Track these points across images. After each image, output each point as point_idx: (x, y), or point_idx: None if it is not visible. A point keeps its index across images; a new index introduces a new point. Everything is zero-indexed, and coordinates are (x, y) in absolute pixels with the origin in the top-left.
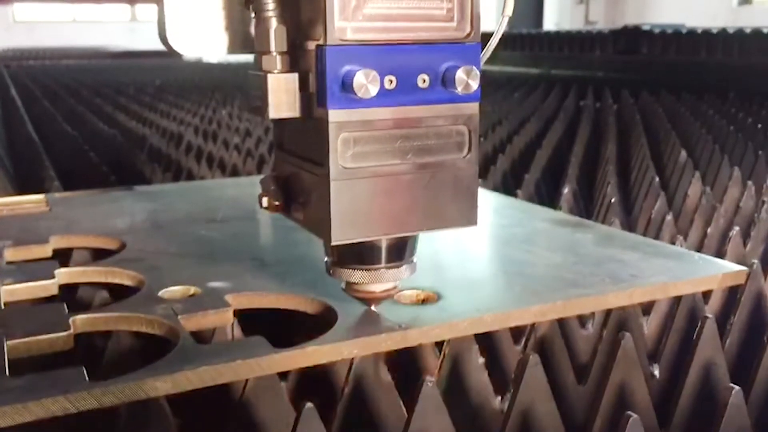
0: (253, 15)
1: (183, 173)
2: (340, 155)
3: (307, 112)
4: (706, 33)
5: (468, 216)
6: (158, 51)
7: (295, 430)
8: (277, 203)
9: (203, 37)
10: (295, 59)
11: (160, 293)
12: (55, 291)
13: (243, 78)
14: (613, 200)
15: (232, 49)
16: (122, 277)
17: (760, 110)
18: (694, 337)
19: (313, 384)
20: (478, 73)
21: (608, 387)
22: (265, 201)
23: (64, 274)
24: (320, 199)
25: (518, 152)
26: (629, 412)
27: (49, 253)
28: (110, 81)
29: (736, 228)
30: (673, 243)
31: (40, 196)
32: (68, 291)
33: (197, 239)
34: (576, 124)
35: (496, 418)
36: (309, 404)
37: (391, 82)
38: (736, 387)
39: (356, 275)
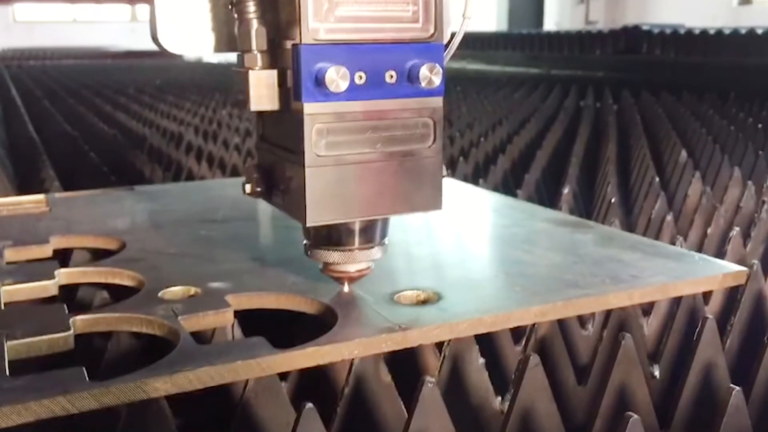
0: (236, 16)
1: (183, 173)
2: (315, 144)
3: (285, 105)
4: (706, 33)
5: (433, 201)
6: (158, 51)
7: (295, 431)
8: (258, 189)
9: (191, 37)
10: (274, 57)
11: (160, 294)
12: (55, 291)
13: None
14: (613, 200)
15: (218, 47)
16: (122, 277)
17: (760, 110)
18: (695, 337)
19: (313, 384)
20: (441, 69)
21: (608, 387)
22: (248, 187)
23: (64, 275)
24: (297, 185)
25: (518, 152)
26: (629, 413)
27: (49, 254)
28: (110, 81)
29: (737, 228)
30: (674, 243)
31: (40, 196)
32: (68, 291)
33: (197, 239)
34: (576, 124)
35: (496, 419)
36: (309, 404)
37: (360, 77)
38: (737, 387)
39: (332, 256)
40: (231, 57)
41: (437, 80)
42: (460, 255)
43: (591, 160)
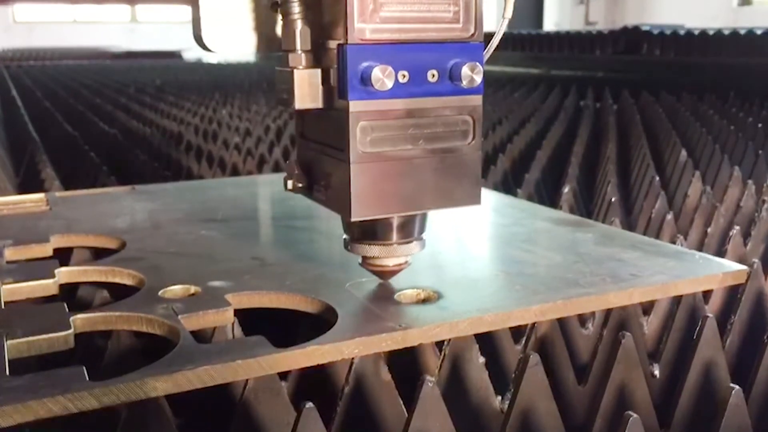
0: (280, 17)
1: (183, 173)
2: (359, 141)
3: (328, 103)
4: (706, 33)
5: (472, 196)
6: (158, 51)
7: (295, 430)
8: (300, 185)
9: (234, 37)
10: (317, 56)
11: (161, 293)
12: (55, 290)
13: (242, 78)
14: (613, 200)
15: (259, 48)
16: (122, 276)
17: (760, 110)
18: (695, 336)
19: (313, 384)
20: (481, 68)
21: (608, 387)
22: (290, 184)
23: (65, 274)
24: (341, 181)
25: (518, 152)
26: (629, 412)
27: (50, 253)
28: (110, 81)
29: (737, 227)
30: (674, 242)
31: (40, 196)
32: (68, 290)
33: (197, 239)
34: (576, 124)
35: (496, 418)
36: (309, 404)
37: (404, 76)
38: (737, 387)
39: (373, 250)
40: (230, 57)
41: (478, 79)
42: (460, 254)
43: (591, 160)
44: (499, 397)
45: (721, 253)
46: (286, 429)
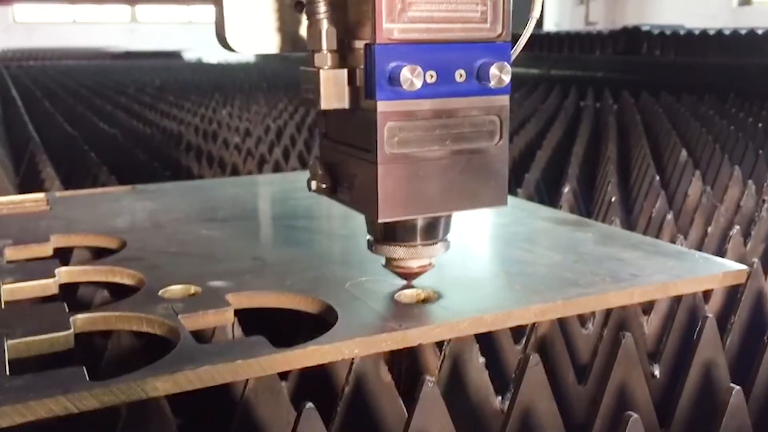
0: (305, 17)
1: (183, 173)
2: (387, 142)
3: (354, 103)
4: (706, 33)
5: (499, 197)
6: (158, 51)
7: (295, 430)
8: (324, 186)
9: (257, 37)
10: (343, 56)
11: (161, 292)
12: (55, 290)
13: (242, 78)
14: (613, 199)
15: (283, 47)
16: (123, 276)
17: (760, 110)
18: (695, 336)
19: (313, 384)
20: (509, 68)
21: (608, 387)
22: (313, 184)
23: (65, 273)
24: (368, 182)
25: (518, 152)
26: (629, 412)
27: (50, 252)
28: (110, 81)
29: (737, 227)
30: (674, 242)
31: (41, 195)
32: (68, 290)
33: (197, 239)
34: (576, 124)
35: (496, 418)
36: (309, 404)
37: (431, 76)
38: (737, 387)
39: (397, 252)
40: (230, 57)
41: (507, 79)
42: (460, 254)
43: (591, 160)
44: (499, 397)
45: (721, 252)
46: (286, 429)
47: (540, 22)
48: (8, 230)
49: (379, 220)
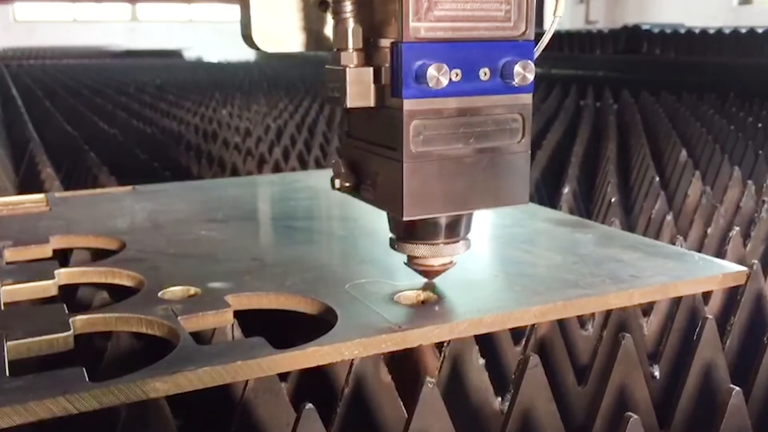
0: (332, 16)
1: (183, 173)
2: (412, 140)
3: (379, 101)
4: (706, 33)
5: (521, 195)
6: (158, 50)
7: (295, 431)
8: (348, 184)
9: (283, 36)
10: (368, 55)
11: (160, 294)
12: (55, 291)
13: (242, 78)
14: (613, 200)
15: (307, 46)
16: (122, 277)
17: (760, 110)
18: (695, 337)
19: (313, 384)
20: (533, 67)
21: (608, 387)
22: (337, 182)
23: (64, 275)
24: (393, 180)
25: None
26: (629, 413)
27: (49, 253)
28: (111, 80)
29: (736, 228)
30: (673, 243)
31: (40, 196)
32: (68, 291)
33: (197, 239)
34: (576, 124)
35: (496, 419)
36: (309, 405)
37: (456, 74)
38: (737, 388)
39: (420, 250)
40: (230, 56)
41: (530, 77)
42: (460, 255)
43: (591, 160)
44: (499, 398)
45: (720, 253)
46: (286, 430)
47: (540, 21)
48: (8, 231)
49: (404, 218)
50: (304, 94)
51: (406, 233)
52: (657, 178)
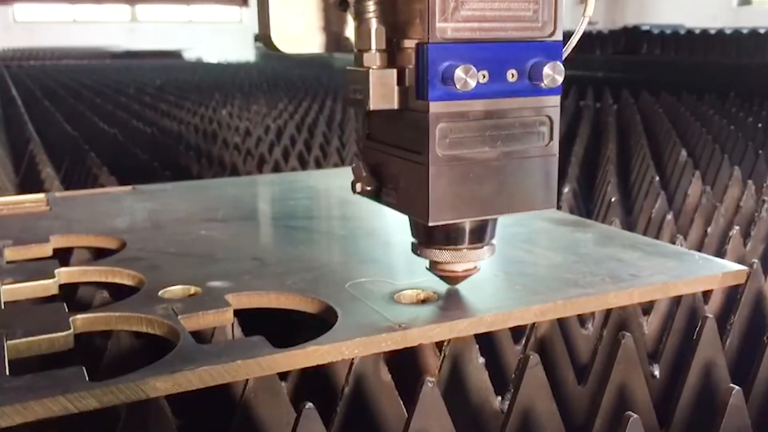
0: (353, 17)
1: (183, 173)
2: (438, 143)
3: (403, 104)
4: (706, 33)
5: (548, 199)
6: (158, 51)
7: (295, 430)
8: (369, 188)
9: (303, 37)
10: (391, 56)
11: (160, 293)
12: (55, 290)
13: (242, 78)
14: (613, 200)
15: (328, 47)
16: (122, 276)
17: (760, 110)
18: (695, 336)
19: (313, 384)
20: (562, 68)
21: (608, 387)
22: (358, 187)
23: (65, 274)
24: (417, 184)
25: None
26: (629, 412)
27: (50, 253)
28: (110, 81)
29: (737, 227)
30: (674, 242)
31: (41, 196)
32: (68, 290)
33: (197, 239)
34: (576, 124)
35: (496, 418)
36: (309, 404)
37: (484, 76)
38: (737, 387)
39: (443, 255)
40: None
41: (560, 78)
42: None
43: (591, 160)
44: (499, 398)
45: (720, 253)
46: (286, 429)
47: None
48: (8, 230)
49: (430, 223)
50: (304, 95)
51: (429, 238)
52: (657, 178)
